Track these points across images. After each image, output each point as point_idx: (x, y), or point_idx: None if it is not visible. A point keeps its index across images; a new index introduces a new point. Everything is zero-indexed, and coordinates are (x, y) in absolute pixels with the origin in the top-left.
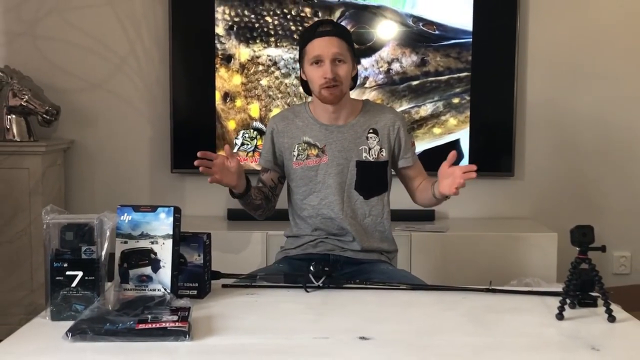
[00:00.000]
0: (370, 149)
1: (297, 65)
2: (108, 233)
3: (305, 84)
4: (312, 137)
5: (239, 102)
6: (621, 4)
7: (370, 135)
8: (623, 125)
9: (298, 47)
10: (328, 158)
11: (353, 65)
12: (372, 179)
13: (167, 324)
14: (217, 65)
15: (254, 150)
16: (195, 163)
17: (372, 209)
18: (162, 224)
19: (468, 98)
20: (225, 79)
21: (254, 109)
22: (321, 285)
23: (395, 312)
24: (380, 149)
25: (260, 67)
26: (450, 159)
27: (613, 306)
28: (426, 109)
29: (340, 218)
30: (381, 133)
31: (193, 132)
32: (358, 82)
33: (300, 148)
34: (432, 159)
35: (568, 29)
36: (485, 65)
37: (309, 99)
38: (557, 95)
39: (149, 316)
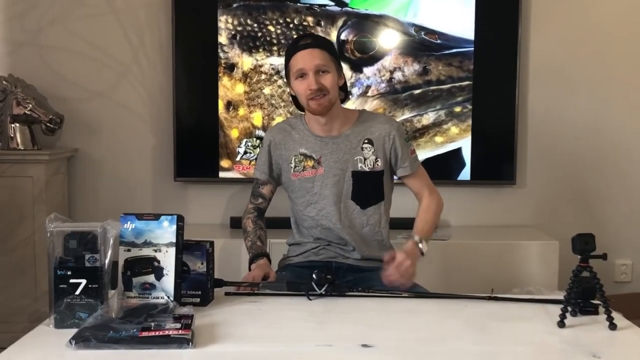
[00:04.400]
0: (365, 159)
1: None
2: (111, 241)
3: (295, 100)
4: (308, 148)
5: (241, 111)
6: (623, 13)
7: (365, 145)
8: (624, 133)
9: (284, 63)
10: (324, 169)
11: (339, 75)
12: (368, 189)
13: (170, 332)
14: (220, 74)
15: (256, 159)
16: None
17: (370, 218)
18: (165, 232)
19: (470, 107)
20: (228, 88)
21: (257, 118)
22: (324, 293)
23: (397, 319)
24: (376, 159)
25: (263, 76)
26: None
27: (614, 314)
28: (428, 117)
29: (339, 228)
30: (376, 143)
31: (196, 140)
32: (360, 91)
33: (296, 160)
34: (434, 168)
35: (570, 38)
36: (487, 73)
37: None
38: (558, 103)
39: (152, 324)
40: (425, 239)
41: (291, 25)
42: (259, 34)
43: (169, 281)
